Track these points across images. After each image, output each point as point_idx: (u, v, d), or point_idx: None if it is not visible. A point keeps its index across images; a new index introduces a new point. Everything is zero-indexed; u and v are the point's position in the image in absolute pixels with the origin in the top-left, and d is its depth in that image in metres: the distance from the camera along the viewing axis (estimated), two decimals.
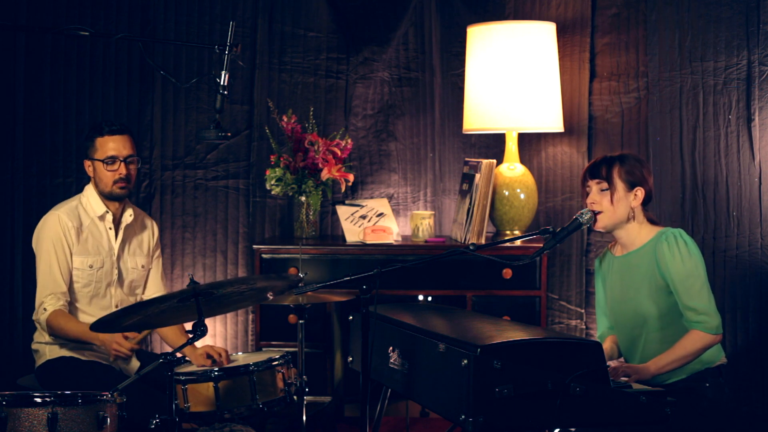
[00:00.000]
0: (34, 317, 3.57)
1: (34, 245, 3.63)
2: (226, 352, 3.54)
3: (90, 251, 3.61)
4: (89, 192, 3.67)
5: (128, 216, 3.71)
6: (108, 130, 3.59)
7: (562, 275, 4.48)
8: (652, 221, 3.24)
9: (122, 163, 3.59)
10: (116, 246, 3.67)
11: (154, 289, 3.81)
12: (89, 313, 3.60)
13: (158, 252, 3.85)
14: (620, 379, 3.02)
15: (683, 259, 3.08)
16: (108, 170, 3.58)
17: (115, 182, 3.59)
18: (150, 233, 3.82)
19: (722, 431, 3.13)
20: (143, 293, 3.79)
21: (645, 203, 3.21)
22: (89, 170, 3.64)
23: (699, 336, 3.06)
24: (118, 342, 3.36)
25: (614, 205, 3.16)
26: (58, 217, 3.58)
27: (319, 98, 4.60)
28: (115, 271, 3.67)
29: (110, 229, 3.66)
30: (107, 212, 3.64)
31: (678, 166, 4.30)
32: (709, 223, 4.26)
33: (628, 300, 3.21)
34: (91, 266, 3.61)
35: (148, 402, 3.22)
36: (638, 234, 3.20)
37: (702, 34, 4.25)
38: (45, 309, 3.50)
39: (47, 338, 3.57)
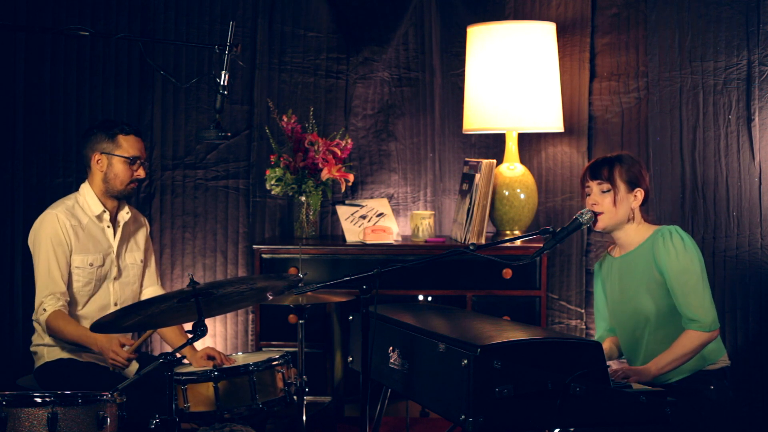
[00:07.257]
0: (33, 317, 3.57)
1: (31, 244, 3.61)
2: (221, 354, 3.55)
3: (90, 249, 3.62)
4: (86, 190, 3.65)
5: (125, 214, 3.72)
6: (131, 131, 3.62)
7: (562, 275, 4.48)
8: (649, 221, 3.25)
9: (141, 166, 3.63)
10: (115, 244, 3.68)
11: (150, 281, 3.83)
12: (87, 313, 3.61)
13: (150, 245, 3.88)
14: (621, 380, 3.02)
15: (678, 255, 3.08)
16: (130, 169, 3.60)
17: (131, 182, 3.63)
18: (144, 228, 3.85)
19: None
20: (140, 288, 3.81)
21: (643, 203, 3.22)
22: (100, 164, 3.61)
23: (695, 335, 3.06)
24: (115, 351, 3.33)
25: (616, 206, 3.16)
26: (56, 216, 3.57)
27: (319, 98, 4.60)
28: (115, 269, 3.68)
29: (108, 227, 3.67)
30: (104, 211, 3.65)
31: (678, 166, 4.30)
32: (709, 223, 4.26)
33: (628, 300, 3.21)
34: (91, 264, 3.61)
35: (148, 402, 3.22)
36: (636, 234, 3.21)
37: (702, 34, 4.25)
38: (45, 309, 3.48)
39: (46, 340, 3.57)
